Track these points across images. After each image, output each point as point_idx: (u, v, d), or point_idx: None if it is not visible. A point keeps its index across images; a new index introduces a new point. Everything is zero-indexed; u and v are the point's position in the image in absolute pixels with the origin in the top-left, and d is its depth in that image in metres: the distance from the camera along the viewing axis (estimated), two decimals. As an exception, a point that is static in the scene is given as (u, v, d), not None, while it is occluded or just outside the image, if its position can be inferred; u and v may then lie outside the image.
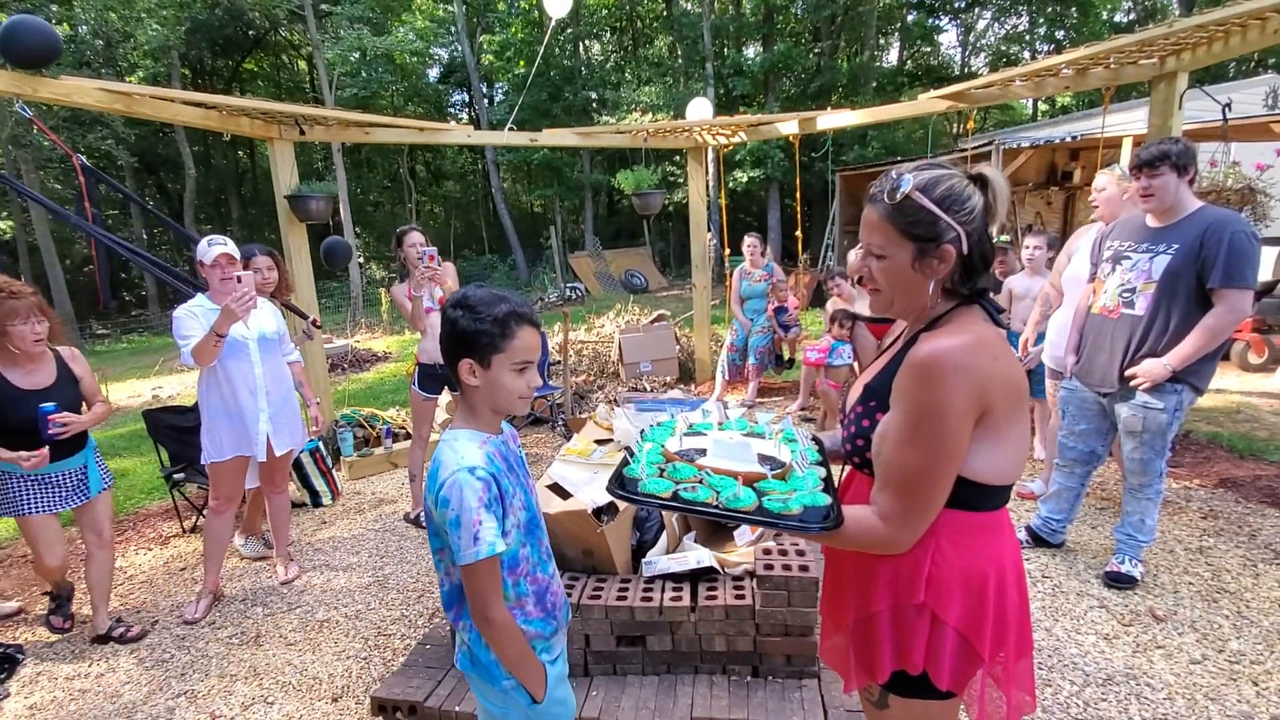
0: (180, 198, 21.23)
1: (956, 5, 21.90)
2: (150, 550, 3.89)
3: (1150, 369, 2.51)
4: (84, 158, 3.76)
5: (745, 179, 17.89)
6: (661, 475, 1.21)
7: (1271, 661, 2.31)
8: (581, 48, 22.91)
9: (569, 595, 2.32)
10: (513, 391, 1.32)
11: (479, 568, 1.25)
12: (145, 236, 20.77)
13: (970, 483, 1.11)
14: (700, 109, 6.17)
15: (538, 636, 1.39)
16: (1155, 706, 2.14)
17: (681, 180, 17.47)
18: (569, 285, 16.77)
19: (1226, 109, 4.32)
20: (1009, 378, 1.09)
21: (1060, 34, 21.30)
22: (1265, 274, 6.11)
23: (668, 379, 6.72)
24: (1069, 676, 2.30)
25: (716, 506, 1.12)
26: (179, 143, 19.78)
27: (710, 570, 2.39)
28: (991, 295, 1.21)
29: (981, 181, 1.14)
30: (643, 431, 1.48)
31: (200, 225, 22.11)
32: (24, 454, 2.58)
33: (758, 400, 5.93)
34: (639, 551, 2.59)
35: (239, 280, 2.71)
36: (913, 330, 1.20)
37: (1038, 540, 3.16)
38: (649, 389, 6.47)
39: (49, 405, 2.61)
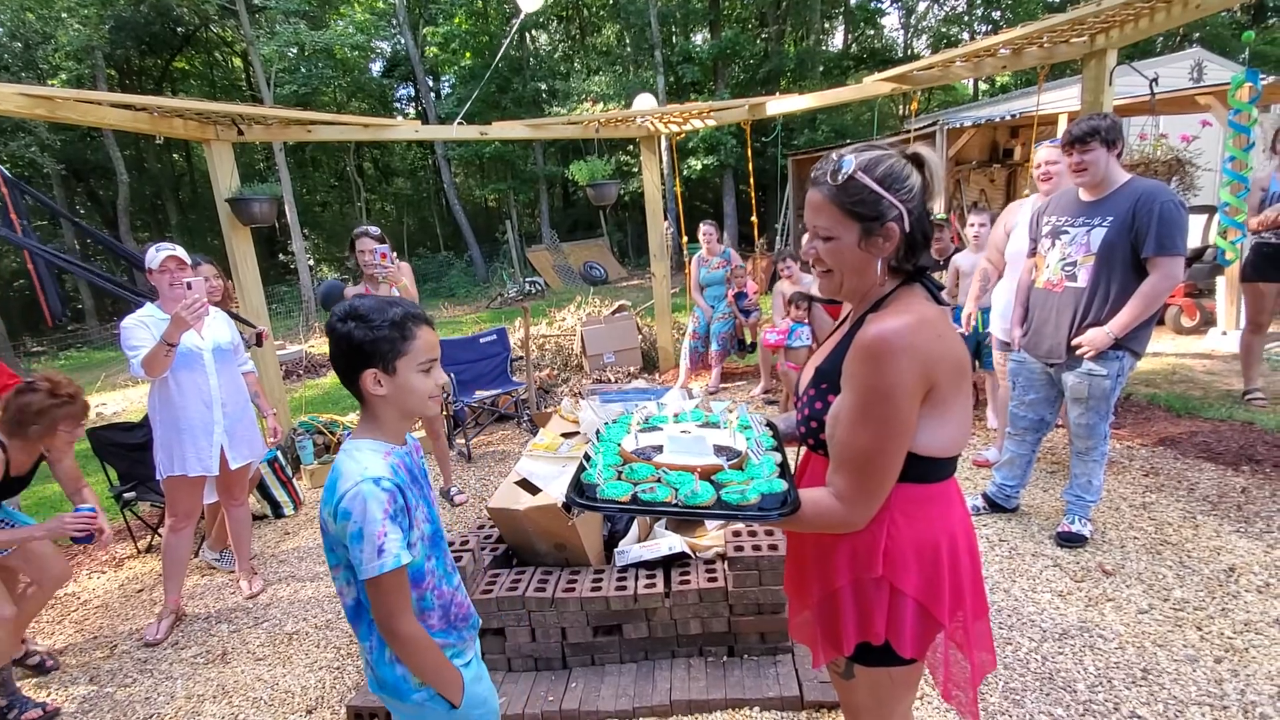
0: (113, 205, 20.23)
1: (897, -12, 22.32)
2: (104, 573, 3.75)
3: (1094, 338, 2.63)
4: (5, 169, 3.55)
5: (699, 166, 17.95)
6: (619, 478, 1.22)
7: (1213, 607, 2.45)
8: (529, 38, 22.58)
9: (542, 590, 2.32)
10: (422, 393, 1.31)
11: (384, 581, 1.21)
12: (77, 249, 19.77)
13: (919, 457, 1.15)
14: (644, 101, 6.18)
15: (444, 645, 1.37)
16: (1108, 656, 2.26)
17: (636, 170, 17.44)
18: (528, 280, 16.60)
19: (1154, 83, 4.51)
20: (952, 354, 1.13)
21: (997, 15, 21.88)
22: (1194, 241, 6.43)
23: (631, 369, 6.73)
24: (1027, 633, 2.40)
25: (676, 505, 1.13)
26: (109, 147, 18.82)
27: (682, 555, 2.42)
28: (935, 273, 1.25)
29: (918, 161, 1.17)
30: (598, 432, 1.48)
31: (137, 233, 21.15)
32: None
33: (721, 386, 6.00)
34: (611, 542, 2.61)
35: (189, 287, 2.62)
36: (859, 312, 1.23)
37: (993, 506, 3.28)
38: (613, 380, 6.48)
39: (87, 507, 2.55)
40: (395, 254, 3.74)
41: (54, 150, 17.61)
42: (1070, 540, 2.92)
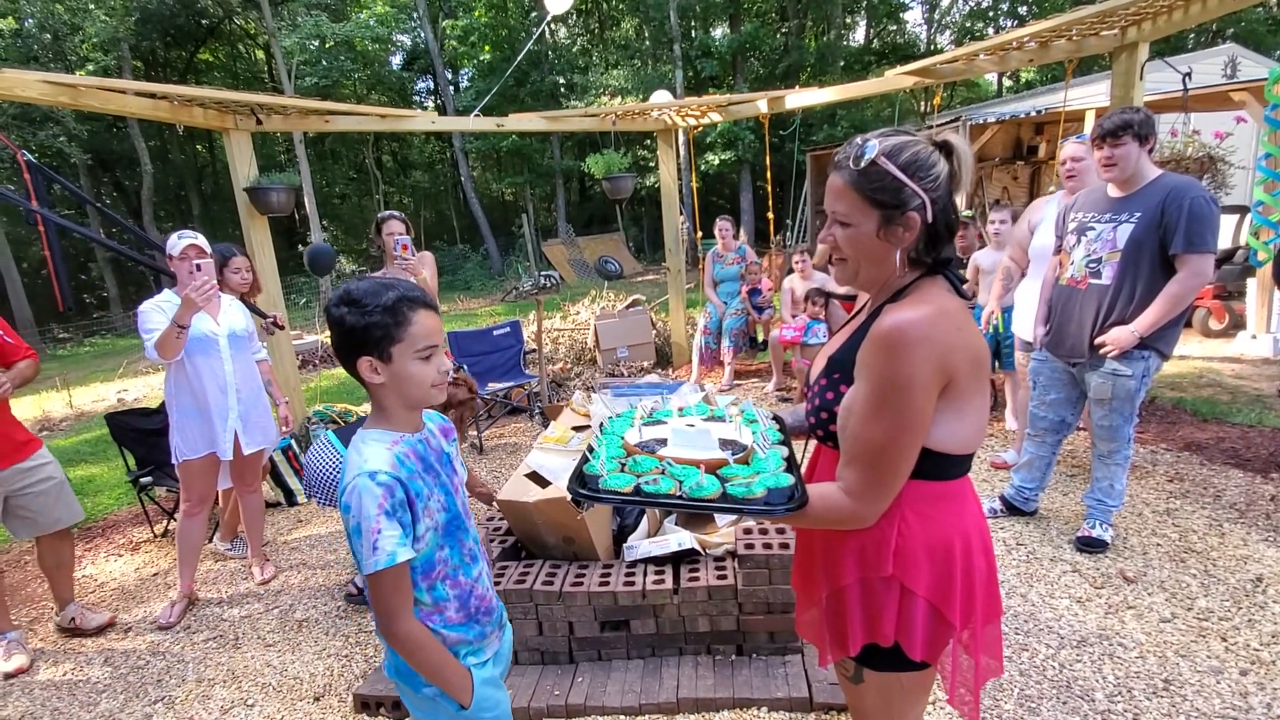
0: (138, 195, 20.53)
1: (921, -18, 21.99)
2: (120, 556, 3.79)
3: (1119, 336, 2.55)
4: (31, 155, 3.57)
5: (717, 161, 17.85)
6: (622, 470, 1.18)
7: (1238, 617, 2.38)
8: (548, 31, 22.55)
9: (550, 583, 2.31)
10: (423, 381, 1.24)
11: (381, 578, 1.18)
12: (102, 235, 20.08)
13: (933, 453, 1.10)
14: (661, 98, 6.16)
15: (460, 641, 1.32)
16: (1128, 665, 2.20)
17: (653, 164, 17.36)
18: (543, 273, 16.60)
19: (1187, 78, 4.39)
20: (971, 348, 1.09)
21: (1023, 9, 21.49)
22: (1224, 241, 6.27)
23: (645, 364, 6.71)
24: (1044, 640, 2.35)
25: (680, 497, 1.09)
26: (134, 138, 19.09)
27: (692, 552, 2.39)
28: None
29: (946, 149, 1.11)
30: (601, 425, 1.45)
31: (161, 223, 21.44)
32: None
33: (735, 383, 5.95)
34: (620, 536, 2.58)
35: (199, 269, 2.64)
36: (876, 302, 1.19)
37: (1012, 509, 3.21)
38: (626, 374, 6.46)
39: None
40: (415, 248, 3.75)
41: (81, 140, 17.90)
42: (1090, 545, 2.85)
